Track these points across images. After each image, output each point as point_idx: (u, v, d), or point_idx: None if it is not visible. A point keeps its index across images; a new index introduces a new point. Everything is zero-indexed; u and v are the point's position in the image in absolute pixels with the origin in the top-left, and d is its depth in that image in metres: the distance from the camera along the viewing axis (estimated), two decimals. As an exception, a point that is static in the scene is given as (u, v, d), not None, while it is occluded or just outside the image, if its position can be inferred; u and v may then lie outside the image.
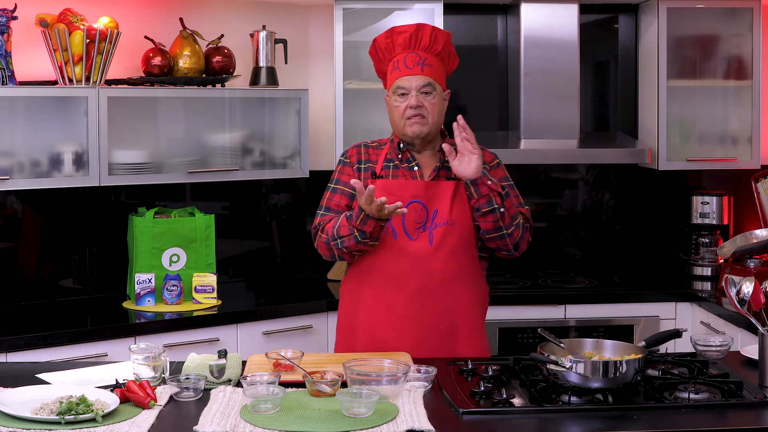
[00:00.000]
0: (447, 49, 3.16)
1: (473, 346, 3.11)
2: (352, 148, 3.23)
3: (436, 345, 3.05)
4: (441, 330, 3.08)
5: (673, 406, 2.47)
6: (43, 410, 2.34)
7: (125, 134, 4.05)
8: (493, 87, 4.83)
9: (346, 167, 3.17)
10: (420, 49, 3.10)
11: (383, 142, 3.21)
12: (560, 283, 4.53)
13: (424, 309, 3.07)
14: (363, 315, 3.12)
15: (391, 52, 3.14)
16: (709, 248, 4.68)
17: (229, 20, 4.51)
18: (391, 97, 3.13)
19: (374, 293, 3.10)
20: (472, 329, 3.13)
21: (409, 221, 3.06)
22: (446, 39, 3.15)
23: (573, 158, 4.66)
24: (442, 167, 3.12)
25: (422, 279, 3.06)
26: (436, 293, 3.07)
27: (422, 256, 3.06)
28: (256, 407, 2.38)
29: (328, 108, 4.57)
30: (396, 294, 3.07)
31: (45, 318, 3.90)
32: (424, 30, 3.11)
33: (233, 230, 4.65)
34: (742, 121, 4.60)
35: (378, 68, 3.24)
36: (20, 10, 3.87)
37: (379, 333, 3.08)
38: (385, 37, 3.15)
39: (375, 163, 3.15)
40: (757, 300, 2.73)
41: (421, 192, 3.08)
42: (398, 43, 3.11)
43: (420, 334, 3.06)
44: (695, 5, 4.56)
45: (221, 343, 3.87)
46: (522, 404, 2.49)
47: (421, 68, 3.08)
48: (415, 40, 3.10)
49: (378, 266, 3.09)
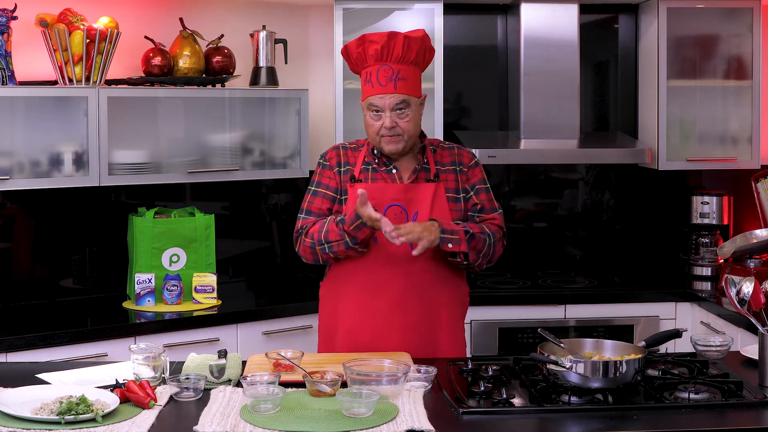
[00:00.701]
0: (422, 51, 3.05)
1: (454, 346, 3.11)
2: (331, 150, 3.18)
3: (418, 346, 3.04)
4: (422, 332, 3.07)
5: (673, 406, 2.47)
6: (43, 410, 2.35)
7: (125, 134, 4.05)
8: (493, 87, 4.83)
9: (326, 170, 3.13)
10: (392, 61, 3.00)
11: (361, 144, 3.17)
12: (560, 283, 4.53)
13: (405, 311, 3.06)
14: (343, 318, 3.12)
15: (363, 63, 3.05)
16: (709, 248, 4.68)
17: (229, 20, 4.51)
18: (365, 109, 3.06)
19: (355, 296, 3.09)
20: (451, 330, 3.13)
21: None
22: (419, 43, 3.03)
23: (573, 158, 4.66)
24: (421, 169, 3.10)
25: (403, 282, 3.05)
26: (417, 296, 3.06)
27: (403, 258, 3.04)
28: (256, 407, 2.38)
29: (328, 108, 4.57)
30: (377, 297, 3.06)
31: (45, 318, 3.90)
32: (396, 39, 3.00)
33: (233, 230, 4.65)
34: (742, 121, 4.60)
35: (351, 68, 3.14)
36: (20, 10, 3.87)
37: (359, 336, 3.07)
38: (356, 45, 3.05)
39: (353, 166, 3.12)
40: (757, 300, 2.74)
41: (401, 195, 3.06)
42: (370, 54, 3.02)
43: (401, 335, 3.05)
44: (695, 5, 4.56)
45: (221, 343, 3.87)
46: (522, 404, 2.49)
47: (395, 85, 2.99)
48: (387, 51, 3.00)
49: (358, 269, 3.07)
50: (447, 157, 3.15)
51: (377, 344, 3.04)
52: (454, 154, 3.17)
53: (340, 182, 3.10)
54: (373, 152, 3.10)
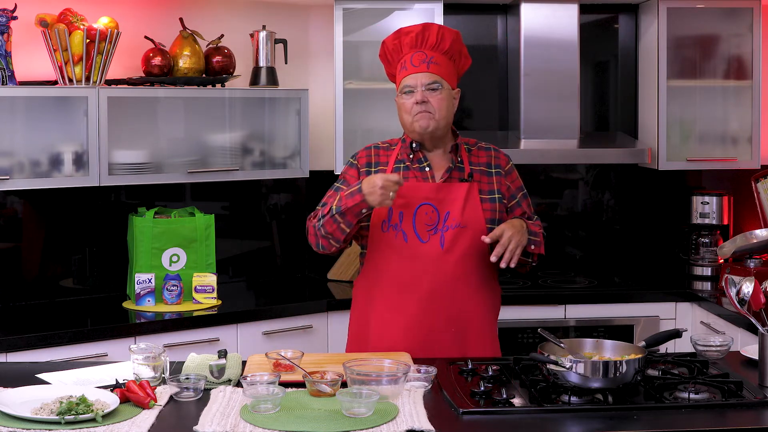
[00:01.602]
0: (456, 48, 3.11)
1: (484, 349, 3.08)
2: (363, 150, 3.19)
3: (446, 348, 3.03)
4: (451, 333, 3.05)
5: (673, 406, 2.47)
6: (43, 410, 2.34)
7: (125, 134, 4.05)
8: (493, 87, 4.83)
9: (352, 168, 3.14)
10: (426, 48, 3.06)
11: (394, 143, 3.17)
12: (560, 283, 4.53)
13: (434, 312, 3.04)
14: (374, 317, 3.10)
15: (399, 53, 3.10)
16: (709, 248, 4.68)
17: (229, 20, 4.51)
18: (399, 96, 3.09)
19: (385, 296, 3.08)
20: (482, 332, 3.11)
21: (420, 224, 3.03)
22: (454, 38, 3.10)
23: (573, 158, 4.66)
24: (455, 168, 3.09)
25: (433, 282, 3.03)
26: (447, 296, 3.04)
27: (433, 259, 3.03)
28: (256, 407, 2.38)
29: (328, 108, 4.57)
30: (406, 297, 3.05)
31: (45, 318, 3.90)
32: (431, 29, 3.08)
33: (233, 230, 4.65)
34: (742, 121, 4.60)
35: (389, 72, 3.20)
36: (20, 10, 3.87)
37: (389, 335, 3.05)
38: (392, 38, 3.12)
39: (386, 165, 3.11)
40: (757, 300, 2.73)
41: (433, 194, 3.05)
42: (405, 43, 3.08)
43: (430, 337, 3.04)
44: (695, 5, 4.56)
45: (221, 343, 3.87)
46: (522, 404, 2.49)
47: (427, 66, 3.04)
48: (421, 39, 3.07)
49: (389, 269, 3.06)
50: (483, 158, 3.15)
51: (406, 343, 3.02)
52: (491, 155, 3.17)
53: None
54: (411, 146, 3.10)
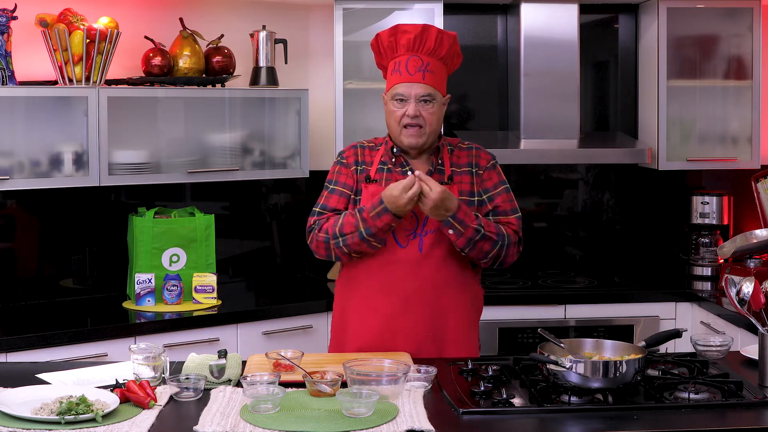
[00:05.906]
0: (452, 51, 3.07)
1: (464, 352, 3.07)
2: (349, 148, 3.17)
3: (426, 351, 3.03)
4: (431, 337, 3.05)
5: (673, 406, 2.47)
6: (43, 410, 2.35)
7: (125, 134, 4.05)
8: (493, 87, 4.83)
9: (344, 168, 3.13)
10: (423, 53, 3.01)
11: (379, 143, 3.16)
12: (560, 283, 4.53)
13: (413, 316, 3.04)
14: (353, 321, 3.11)
15: (394, 52, 3.05)
16: (709, 248, 4.68)
17: (229, 20, 4.51)
18: (388, 100, 3.06)
19: (364, 300, 3.08)
20: (462, 335, 3.10)
21: (399, 228, 3.02)
22: (452, 42, 3.06)
23: (573, 158, 4.66)
24: (435, 171, 3.08)
25: (411, 286, 3.03)
26: (426, 300, 3.04)
27: (411, 263, 3.03)
28: (256, 407, 2.38)
29: (328, 108, 4.57)
30: (385, 301, 3.05)
31: (45, 318, 3.90)
32: (430, 32, 3.01)
33: (233, 230, 4.65)
34: (742, 121, 4.60)
35: (378, 62, 3.16)
36: (20, 10, 3.87)
37: (368, 339, 3.06)
38: (389, 34, 3.06)
39: (370, 165, 3.10)
40: (757, 300, 2.74)
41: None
42: (402, 44, 3.03)
43: (409, 340, 3.03)
44: (695, 5, 4.56)
45: (221, 343, 3.87)
46: (522, 404, 2.49)
47: (423, 75, 3.00)
48: (419, 42, 3.01)
49: (367, 273, 3.06)
50: (464, 158, 3.12)
51: (385, 344, 3.03)
52: (471, 155, 3.13)
53: (357, 181, 3.09)
54: (392, 151, 3.08)
